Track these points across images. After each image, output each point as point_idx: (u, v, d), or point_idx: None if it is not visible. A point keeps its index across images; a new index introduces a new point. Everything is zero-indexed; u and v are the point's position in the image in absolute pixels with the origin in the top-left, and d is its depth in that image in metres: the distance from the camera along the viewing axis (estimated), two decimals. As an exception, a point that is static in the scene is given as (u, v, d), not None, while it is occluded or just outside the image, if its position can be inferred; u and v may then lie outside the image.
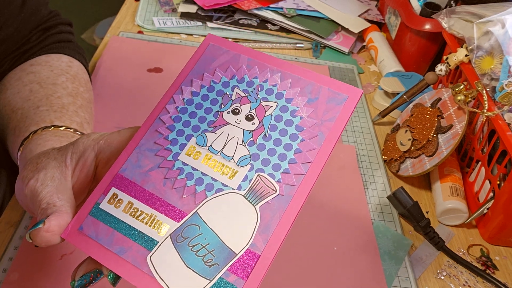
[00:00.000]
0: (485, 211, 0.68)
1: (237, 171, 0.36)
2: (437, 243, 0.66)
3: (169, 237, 0.35)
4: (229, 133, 0.38)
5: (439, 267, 0.65)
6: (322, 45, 1.06)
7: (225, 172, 0.37)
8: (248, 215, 0.35)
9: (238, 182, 0.36)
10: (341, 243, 0.64)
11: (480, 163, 0.72)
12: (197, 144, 0.38)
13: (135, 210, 0.37)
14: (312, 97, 0.38)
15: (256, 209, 0.35)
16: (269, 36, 1.06)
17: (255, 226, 0.34)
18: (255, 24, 1.07)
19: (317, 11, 1.10)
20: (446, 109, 0.75)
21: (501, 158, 0.67)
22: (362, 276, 0.61)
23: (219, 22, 1.04)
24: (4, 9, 0.60)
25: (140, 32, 1.00)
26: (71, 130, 0.54)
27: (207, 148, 0.38)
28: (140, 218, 0.36)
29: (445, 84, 0.86)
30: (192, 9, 1.06)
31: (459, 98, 0.70)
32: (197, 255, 0.34)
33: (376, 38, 1.06)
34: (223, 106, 0.39)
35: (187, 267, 0.34)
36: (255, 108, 0.39)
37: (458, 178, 0.73)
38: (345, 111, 0.37)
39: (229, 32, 1.04)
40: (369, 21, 1.13)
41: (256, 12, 1.07)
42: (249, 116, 0.38)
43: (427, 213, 0.72)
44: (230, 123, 0.38)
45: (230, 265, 0.34)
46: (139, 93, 0.83)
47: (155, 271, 0.34)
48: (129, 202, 0.37)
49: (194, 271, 0.34)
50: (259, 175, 0.36)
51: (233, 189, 0.36)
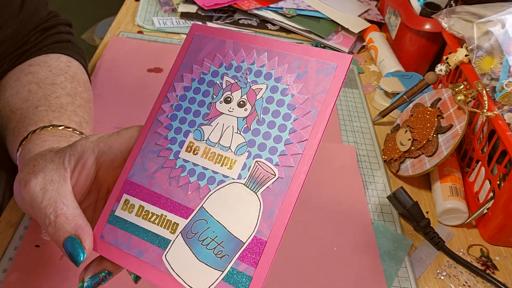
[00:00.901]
0: (485, 211, 0.68)
1: (236, 160, 0.36)
2: (437, 243, 0.66)
3: (180, 234, 0.36)
4: (224, 123, 0.38)
5: (439, 267, 0.65)
6: (322, 45, 1.06)
7: (224, 163, 0.37)
8: (251, 203, 0.35)
9: (237, 171, 0.36)
10: (341, 243, 0.64)
11: (480, 163, 0.72)
12: (195, 139, 0.38)
13: (147, 212, 0.38)
14: (300, 72, 0.37)
15: (258, 196, 0.35)
16: (269, 36, 1.06)
17: (259, 213, 0.35)
18: (255, 24, 1.07)
19: (317, 11, 1.10)
20: (446, 109, 0.75)
21: (501, 158, 0.67)
22: (362, 276, 0.61)
23: (219, 22, 1.04)
24: (3, 10, 0.60)
25: (140, 32, 1.00)
26: (70, 129, 0.54)
27: (205, 141, 0.38)
28: (152, 220, 0.37)
29: (445, 84, 0.86)
30: (192, 9, 1.06)
31: (459, 98, 0.70)
32: (208, 248, 0.35)
33: (376, 38, 1.06)
34: (215, 96, 0.38)
35: (200, 261, 0.35)
36: (246, 93, 0.38)
37: (458, 178, 0.73)
38: (336, 80, 0.36)
39: (229, 32, 1.04)
40: (369, 21, 1.13)
41: (256, 12, 1.07)
42: (241, 102, 0.38)
43: (427, 213, 0.72)
44: (223, 113, 0.38)
45: (239, 255, 0.34)
46: (139, 93, 0.83)
47: (172, 268, 0.36)
48: (140, 205, 0.38)
49: (206, 264, 0.35)
50: (257, 162, 0.36)
51: (233, 179, 0.36)
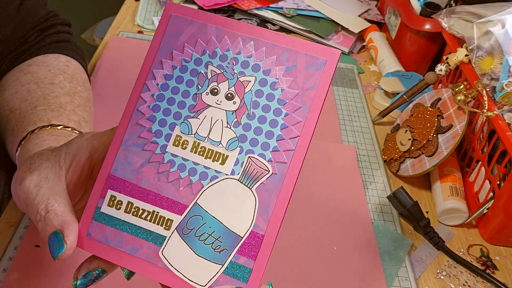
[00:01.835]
0: (485, 211, 0.68)
1: (228, 156, 0.36)
2: (437, 243, 0.66)
3: (175, 230, 0.36)
4: (212, 116, 0.37)
5: (439, 267, 0.65)
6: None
7: (216, 158, 0.36)
8: (246, 199, 0.35)
9: (230, 167, 0.36)
10: (341, 243, 0.64)
11: (480, 163, 0.72)
12: (182, 132, 0.37)
13: (136, 209, 0.37)
14: (289, 65, 0.36)
15: (253, 192, 0.35)
16: (269, 36, 1.06)
17: (255, 208, 0.35)
18: (255, 24, 1.07)
19: (317, 11, 1.10)
20: (446, 109, 0.75)
21: (501, 158, 0.67)
22: (362, 276, 0.61)
23: (219, 22, 1.04)
24: (1, 10, 0.60)
25: (140, 32, 1.00)
26: (69, 129, 0.54)
27: (193, 135, 0.37)
28: (143, 216, 0.37)
29: (445, 84, 0.86)
30: (192, 9, 1.06)
31: (459, 98, 0.70)
32: (206, 243, 0.35)
33: (376, 38, 1.06)
34: (200, 87, 0.37)
35: (198, 256, 0.35)
36: (234, 85, 0.37)
37: (458, 178, 0.73)
38: (325, 76, 0.35)
39: (229, 32, 1.04)
40: (369, 21, 1.13)
41: (256, 12, 1.07)
42: (229, 95, 0.37)
43: (427, 213, 0.72)
44: (211, 105, 0.37)
45: (238, 248, 0.35)
46: (139, 93, 0.83)
47: (170, 264, 0.36)
48: (129, 202, 0.37)
49: (205, 259, 0.35)
50: (249, 157, 0.36)
51: (227, 174, 0.36)
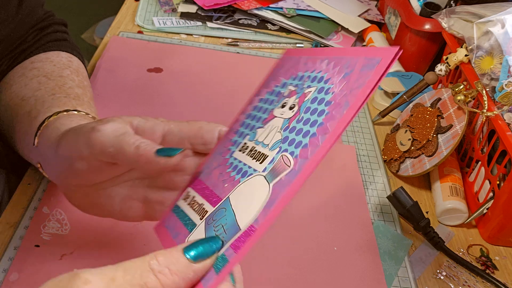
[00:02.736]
0: (485, 211, 0.68)
1: (268, 155, 0.37)
2: (437, 243, 0.66)
3: (204, 220, 0.38)
4: (273, 124, 0.39)
5: (438, 267, 0.65)
6: (322, 45, 1.06)
7: (258, 158, 0.38)
8: (262, 193, 0.35)
9: (265, 165, 0.37)
10: (341, 243, 0.64)
11: (480, 163, 0.72)
12: (249, 140, 0.41)
13: (194, 202, 0.41)
14: (348, 71, 0.36)
15: (270, 186, 0.35)
16: (269, 36, 1.06)
17: (263, 203, 0.35)
18: (255, 24, 1.07)
19: (317, 11, 1.10)
20: (446, 109, 0.75)
21: (501, 158, 0.67)
22: (362, 276, 0.61)
23: (219, 22, 1.04)
24: (1, 10, 0.60)
25: (140, 32, 1.00)
26: (96, 119, 0.54)
27: (254, 141, 0.40)
28: (194, 207, 0.40)
29: (445, 84, 0.86)
30: (192, 9, 1.06)
31: (459, 98, 0.70)
32: (216, 234, 0.36)
33: (376, 38, 1.06)
34: (276, 104, 0.41)
35: None
36: (299, 97, 0.39)
37: (458, 178, 0.73)
38: (376, 74, 0.34)
39: (229, 32, 1.04)
40: (369, 21, 1.13)
41: (256, 12, 1.07)
42: (292, 105, 0.39)
43: (427, 213, 0.72)
44: (276, 116, 0.40)
45: (233, 241, 0.35)
46: (139, 93, 0.83)
47: None
48: (193, 196, 0.42)
49: None
50: (282, 155, 0.36)
51: (259, 172, 0.37)
